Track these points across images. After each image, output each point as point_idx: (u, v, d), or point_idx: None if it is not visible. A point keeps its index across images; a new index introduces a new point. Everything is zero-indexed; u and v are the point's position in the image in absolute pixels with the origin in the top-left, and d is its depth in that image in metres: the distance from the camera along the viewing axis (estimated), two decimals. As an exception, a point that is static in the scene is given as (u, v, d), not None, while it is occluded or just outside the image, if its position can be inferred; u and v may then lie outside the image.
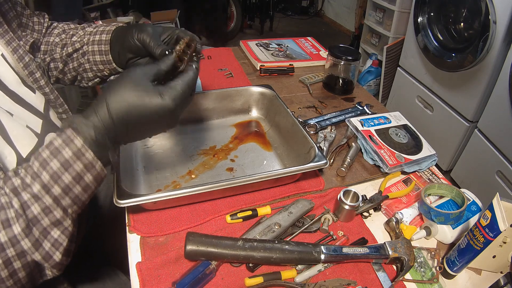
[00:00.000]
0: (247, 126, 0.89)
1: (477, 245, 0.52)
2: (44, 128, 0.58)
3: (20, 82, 0.58)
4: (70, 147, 0.42)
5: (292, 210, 0.64)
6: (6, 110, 0.53)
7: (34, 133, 0.56)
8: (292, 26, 4.18)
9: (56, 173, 0.41)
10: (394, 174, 0.77)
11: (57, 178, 0.41)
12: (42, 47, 0.70)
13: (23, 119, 0.55)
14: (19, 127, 0.53)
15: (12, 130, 0.51)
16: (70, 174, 0.42)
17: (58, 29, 0.73)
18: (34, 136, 0.55)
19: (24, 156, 0.52)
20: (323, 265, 0.57)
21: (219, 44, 3.18)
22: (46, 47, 0.71)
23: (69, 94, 2.35)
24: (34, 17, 0.69)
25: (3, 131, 0.50)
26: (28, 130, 0.55)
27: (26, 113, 0.57)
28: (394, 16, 2.37)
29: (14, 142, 0.51)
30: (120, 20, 2.43)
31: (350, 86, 1.07)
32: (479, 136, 1.64)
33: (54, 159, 0.41)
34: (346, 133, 0.87)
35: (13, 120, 0.53)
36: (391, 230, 0.64)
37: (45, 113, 0.61)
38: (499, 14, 1.40)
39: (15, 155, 0.50)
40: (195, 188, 0.59)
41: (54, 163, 0.41)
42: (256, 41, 1.32)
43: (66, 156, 0.41)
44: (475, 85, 1.62)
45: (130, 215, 0.64)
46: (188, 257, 0.56)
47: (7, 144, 0.50)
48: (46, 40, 0.71)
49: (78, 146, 0.42)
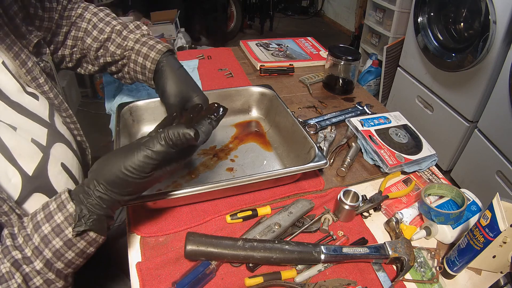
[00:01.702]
0: (247, 126, 0.89)
1: (477, 245, 0.52)
2: (49, 139, 0.57)
3: (21, 90, 0.56)
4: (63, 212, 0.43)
5: (292, 210, 0.64)
6: (9, 124, 0.51)
7: (39, 147, 0.54)
8: (292, 26, 4.18)
9: (59, 251, 0.43)
10: (394, 174, 0.77)
11: (60, 256, 0.43)
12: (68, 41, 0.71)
13: (28, 132, 0.54)
14: (23, 142, 0.52)
15: (15, 148, 0.50)
16: (73, 251, 0.44)
17: (84, 22, 0.71)
18: (39, 151, 0.54)
19: (30, 174, 0.51)
20: (323, 265, 0.57)
21: (219, 44, 3.18)
22: (73, 42, 0.71)
23: (69, 94, 2.35)
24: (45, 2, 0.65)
25: (6, 151, 0.49)
26: (32, 145, 0.53)
27: (30, 123, 0.55)
28: (394, 16, 2.37)
29: (18, 160, 0.50)
30: (120, 20, 2.43)
31: (350, 86, 1.07)
32: (479, 136, 1.64)
33: (56, 237, 0.43)
34: (346, 133, 0.87)
35: (16, 135, 0.51)
36: (391, 230, 0.64)
37: (50, 121, 0.59)
38: (499, 14, 1.40)
39: (19, 176, 0.49)
40: (195, 188, 0.59)
41: (56, 241, 0.43)
42: (256, 41, 1.32)
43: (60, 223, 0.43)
44: (475, 85, 1.62)
45: (130, 215, 0.64)
46: (188, 257, 0.56)
47: (10, 165, 0.48)
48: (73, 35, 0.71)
49: (70, 211, 0.43)
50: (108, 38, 0.71)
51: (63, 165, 0.58)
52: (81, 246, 0.44)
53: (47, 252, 0.42)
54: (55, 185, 0.54)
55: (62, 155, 0.58)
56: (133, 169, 0.43)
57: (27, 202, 0.50)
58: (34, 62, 0.59)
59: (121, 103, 0.78)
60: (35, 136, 0.55)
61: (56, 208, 0.43)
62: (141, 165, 0.43)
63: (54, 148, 0.57)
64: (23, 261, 0.42)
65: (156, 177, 0.47)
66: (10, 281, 0.40)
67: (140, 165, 0.43)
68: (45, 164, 0.54)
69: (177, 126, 0.44)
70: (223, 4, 3.23)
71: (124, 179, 0.43)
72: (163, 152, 0.43)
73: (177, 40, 2.67)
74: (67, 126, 0.65)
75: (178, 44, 2.63)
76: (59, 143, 0.59)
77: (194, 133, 0.43)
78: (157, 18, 2.64)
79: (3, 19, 0.55)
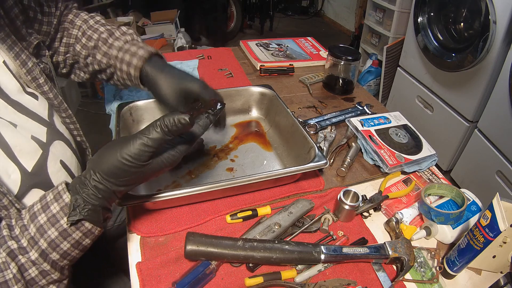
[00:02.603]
0: (247, 126, 0.89)
1: (477, 245, 0.52)
2: (49, 137, 0.57)
3: (21, 90, 0.56)
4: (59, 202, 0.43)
5: (292, 210, 0.64)
6: (9, 121, 0.52)
7: (39, 144, 0.54)
8: (292, 26, 4.18)
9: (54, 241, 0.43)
10: (394, 174, 0.77)
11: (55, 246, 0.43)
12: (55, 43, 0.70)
13: (27, 130, 0.54)
14: (23, 139, 0.52)
15: (15, 145, 0.50)
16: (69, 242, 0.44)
17: (75, 28, 0.71)
18: (39, 147, 0.54)
19: (29, 170, 0.51)
20: (323, 265, 0.57)
21: (219, 44, 3.18)
22: (66, 48, 0.70)
23: (69, 94, 2.35)
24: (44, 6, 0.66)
25: (6, 147, 0.49)
26: (32, 142, 0.54)
27: (30, 122, 0.55)
28: (394, 16, 2.37)
29: (18, 157, 0.50)
30: (120, 20, 2.43)
31: (350, 86, 1.07)
32: (479, 136, 1.64)
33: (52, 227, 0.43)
34: (346, 133, 0.87)
35: (17, 132, 0.52)
36: (391, 230, 0.64)
37: (49, 120, 0.60)
38: (499, 14, 1.40)
39: (19, 172, 0.49)
40: (195, 188, 0.59)
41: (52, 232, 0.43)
42: (256, 41, 1.32)
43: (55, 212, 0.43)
44: (475, 85, 1.62)
45: (130, 215, 0.64)
46: (188, 257, 0.56)
47: (10, 161, 0.49)
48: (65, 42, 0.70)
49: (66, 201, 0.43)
50: (96, 46, 0.71)
51: (62, 162, 0.58)
52: (76, 237, 0.44)
53: (42, 242, 0.42)
54: (54, 182, 0.55)
55: (61, 153, 0.59)
56: (130, 157, 0.43)
57: (26, 197, 0.50)
58: (34, 63, 0.59)
59: (121, 103, 0.78)
60: (35, 134, 0.55)
61: (52, 199, 0.43)
62: (138, 153, 0.43)
63: (54, 145, 0.57)
64: (18, 251, 0.42)
65: (153, 168, 0.46)
66: (6, 271, 0.40)
67: (137, 153, 0.43)
68: (45, 161, 0.54)
69: (172, 113, 0.44)
70: (223, 4, 3.23)
71: (121, 168, 0.43)
72: (159, 139, 0.43)
73: (177, 40, 2.67)
74: (66, 126, 0.65)
75: (178, 44, 2.63)
76: (58, 141, 0.59)
77: (188, 118, 0.43)
78: (157, 18, 2.65)
79: (4, 20, 0.55)
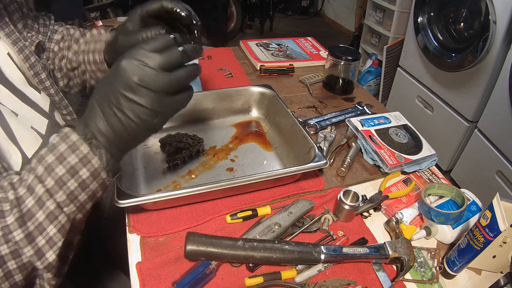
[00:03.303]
0: (247, 126, 0.89)
1: (477, 245, 0.52)
2: (49, 129, 0.58)
3: (25, 82, 0.58)
4: (66, 142, 0.40)
5: (292, 210, 0.64)
6: (11, 110, 0.53)
7: (38, 134, 0.56)
8: (292, 26, 4.18)
9: (50, 166, 0.40)
10: (394, 174, 0.77)
11: (51, 171, 0.40)
12: (45, 53, 0.70)
13: (28, 120, 0.55)
14: (23, 128, 0.53)
15: (17, 131, 0.51)
16: (64, 167, 0.40)
17: (58, 35, 0.71)
18: (39, 137, 0.55)
19: (29, 157, 0.52)
20: (323, 265, 0.57)
21: (219, 44, 3.18)
22: (48, 54, 0.70)
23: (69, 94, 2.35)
24: (39, 19, 0.69)
25: (8, 130, 0.50)
26: (32, 131, 0.55)
27: (32, 113, 0.56)
28: (394, 16, 2.37)
29: (20, 142, 0.51)
30: (120, 20, 2.43)
31: (350, 86, 1.07)
32: (479, 136, 1.64)
33: (50, 153, 0.40)
34: (346, 133, 0.87)
35: (18, 120, 0.53)
36: (391, 230, 0.64)
37: (50, 113, 0.61)
38: (499, 14, 1.40)
39: (20, 155, 0.50)
40: (195, 188, 0.59)
41: (49, 157, 0.40)
42: (256, 41, 1.32)
43: (62, 150, 0.40)
44: (475, 85, 1.62)
45: (130, 215, 0.64)
46: (188, 257, 0.56)
47: (12, 144, 0.50)
48: (48, 47, 0.70)
49: (74, 140, 0.41)
50: (69, 47, 0.70)
51: None
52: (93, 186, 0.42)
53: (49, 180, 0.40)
54: None
55: None
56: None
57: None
58: (36, 59, 0.61)
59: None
60: (35, 125, 0.56)
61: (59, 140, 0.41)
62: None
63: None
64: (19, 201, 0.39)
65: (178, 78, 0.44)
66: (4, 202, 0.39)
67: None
68: None
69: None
70: (223, 4, 3.23)
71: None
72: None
73: (177, 40, 2.66)
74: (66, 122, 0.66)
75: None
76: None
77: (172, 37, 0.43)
78: (157, 18, 2.64)
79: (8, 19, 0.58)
